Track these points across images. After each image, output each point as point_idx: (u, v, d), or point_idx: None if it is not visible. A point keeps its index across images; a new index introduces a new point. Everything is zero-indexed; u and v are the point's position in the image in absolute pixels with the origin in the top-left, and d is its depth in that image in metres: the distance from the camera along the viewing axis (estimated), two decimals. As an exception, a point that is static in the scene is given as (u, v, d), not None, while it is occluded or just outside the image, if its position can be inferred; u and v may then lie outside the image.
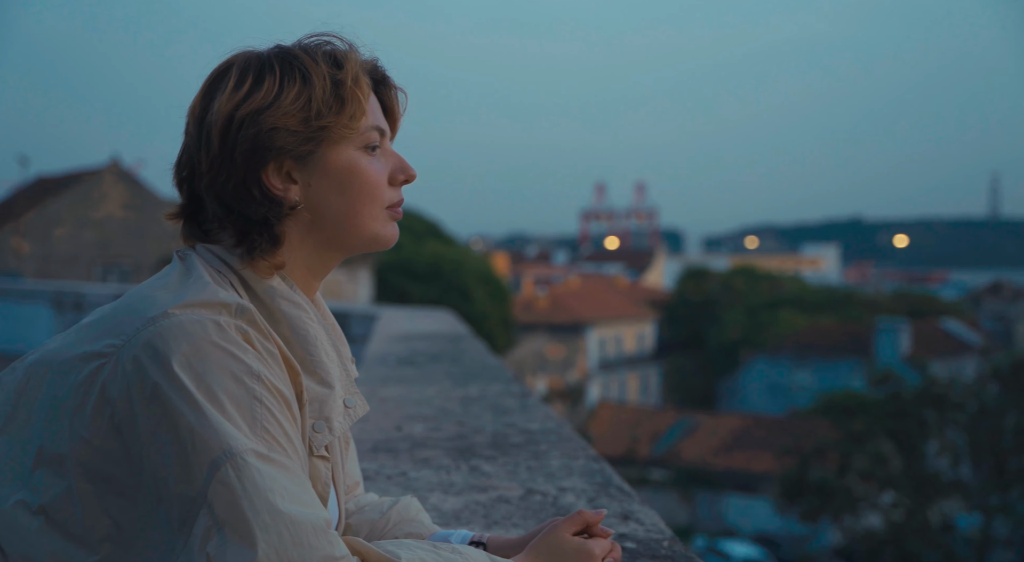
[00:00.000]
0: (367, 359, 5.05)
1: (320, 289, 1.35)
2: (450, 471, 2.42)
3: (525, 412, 3.30)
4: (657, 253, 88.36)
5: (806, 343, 45.43)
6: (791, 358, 45.28)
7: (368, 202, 1.27)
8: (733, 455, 36.01)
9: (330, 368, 1.25)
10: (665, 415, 41.31)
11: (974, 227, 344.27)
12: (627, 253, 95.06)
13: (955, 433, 23.99)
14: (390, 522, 1.42)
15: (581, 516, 1.31)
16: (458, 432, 2.95)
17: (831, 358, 43.94)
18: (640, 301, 57.61)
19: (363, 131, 1.26)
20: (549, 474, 2.39)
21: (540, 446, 2.72)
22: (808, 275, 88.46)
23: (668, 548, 1.80)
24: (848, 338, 44.67)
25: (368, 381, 4.07)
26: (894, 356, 39.94)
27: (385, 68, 1.34)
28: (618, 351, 51.29)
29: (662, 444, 38.27)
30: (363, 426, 2.97)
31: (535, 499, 2.16)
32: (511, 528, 1.93)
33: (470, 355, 5.17)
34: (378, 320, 7.88)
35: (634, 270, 79.13)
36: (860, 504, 23.65)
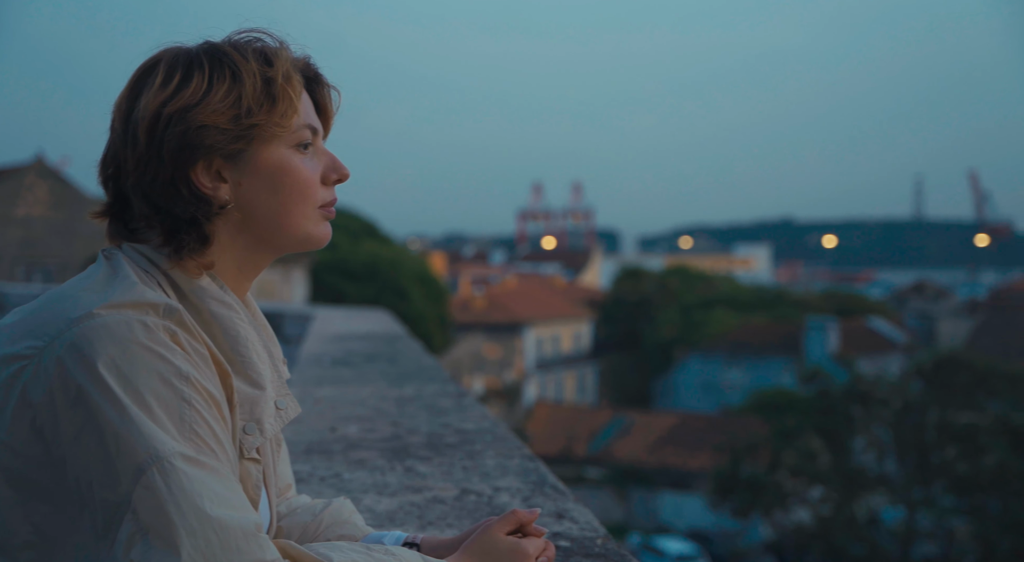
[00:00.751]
0: (301, 360, 5.00)
1: (251, 289, 1.33)
2: (385, 472, 2.41)
3: (461, 412, 3.30)
4: (593, 253, 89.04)
5: (738, 342, 46.21)
6: (724, 356, 46.01)
7: (300, 201, 1.26)
8: (667, 453, 36.46)
9: (261, 369, 1.23)
10: (601, 414, 41.64)
11: (899, 228, 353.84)
12: (564, 253, 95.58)
13: (880, 429, 24.64)
14: (322, 524, 1.41)
15: (515, 515, 1.31)
16: (393, 433, 2.93)
17: (762, 356, 44.76)
18: (577, 301, 57.99)
19: (295, 129, 1.25)
20: (484, 474, 2.39)
21: (475, 446, 2.73)
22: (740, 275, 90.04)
23: (602, 546, 1.81)
24: (779, 337, 45.57)
25: (302, 382, 4.03)
26: (823, 354, 40.86)
27: (318, 66, 1.33)
28: (555, 350, 51.57)
29: (598, 443, 38.58)
30: (296, 428, 2.94)
31: (470, 499, 2.16)
32: (446, 528, 1.93)
33: (406, 355, 5.15)
34: (313, 320, 7.79)
35: (571, 270, 79.61)
36: (790, 499, 24.15)
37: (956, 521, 23.09)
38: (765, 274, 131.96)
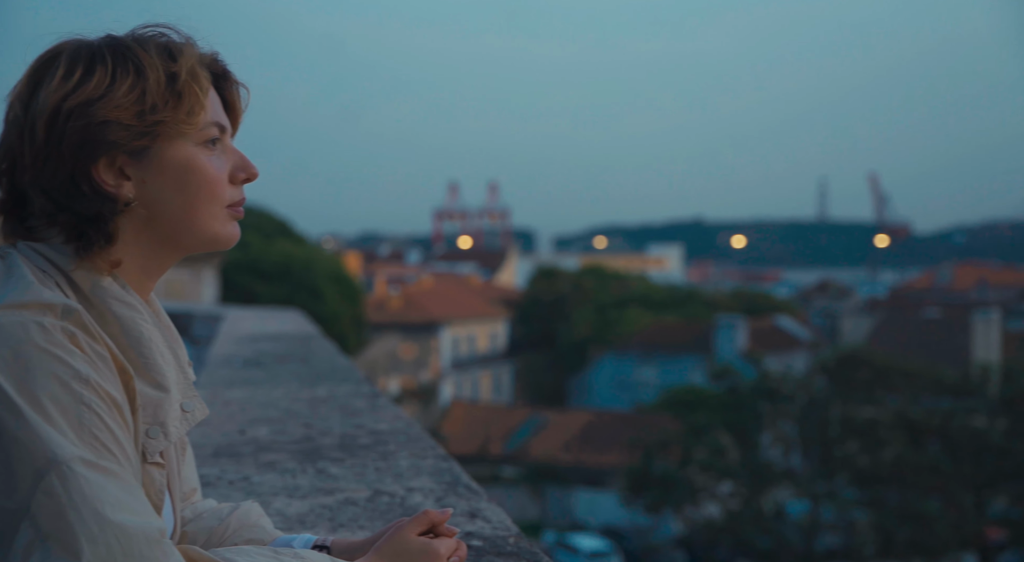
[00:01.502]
0: (211, 361, 4.89)
1: (159, 289, 1.30)
2: (296, 474, 2.38)
3: (374, 413, 3.28)
4: (509, 253, 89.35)
5: (651, 340, 46.97)
6: (637, 355, 46.71)
7: (207, 200, 1.24)
8: (582, 451, 36.83)
9: (165, 371, 1.21)
10: (517, 413, 41.83)
11: (804, 229, 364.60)
12: (480, 253, 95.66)
13: (787, 424, 25.37)
14: (229, 529, 1.38)
15: (427, 516, 1.31)
16: (305, 434, 2.90)
17: (675, 354, 45.59)
18: (493, 300, 58.13)
19: (202, 127, 1.23)
20: (398, 475, 2.38)
21: (389, 446, 2.71)
22: (653, 274, 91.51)
23: (514, 545, 1.83)
24: (690, 335, 46.49)
25: (211, 384, 3.95)
26: (732, 352, 41.84)
27: (226, 62, 1.30)
28: (471, 350, 51.58)
29: (514, 442, 38.74)
30: (204, 430, 2.88)
31: (383, 500, 2.15)
32: (357, 530, 1.92)
33: (319, 356, 5.09)
34: (223, 321, 7.64)
35: (487, 269, 79.74)
36: (700, 495, 24.67)
37: (857, 513, 23.93)
38: (677, 274, 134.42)
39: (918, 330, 44.55)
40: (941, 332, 43.58)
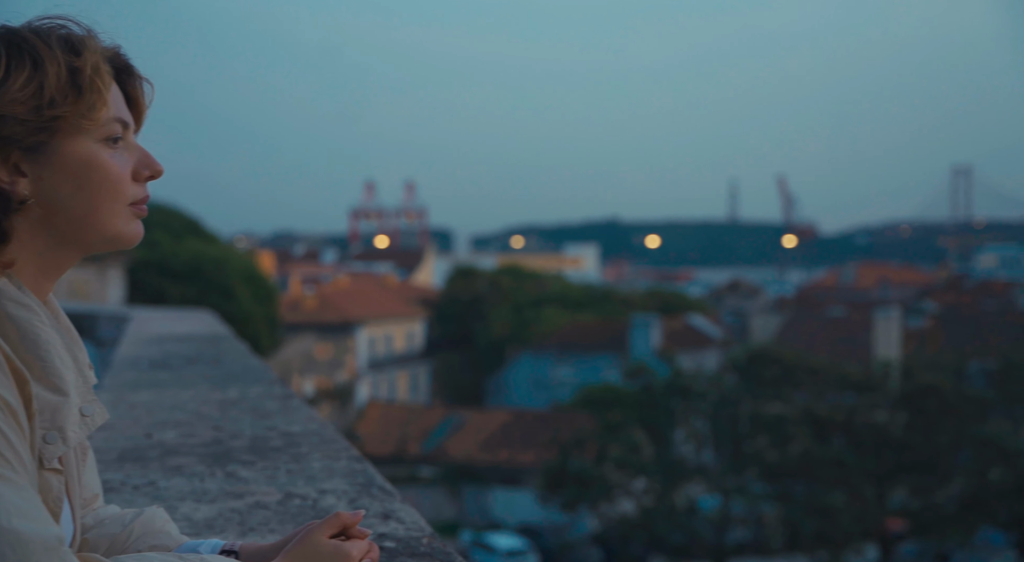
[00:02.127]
0: (117, 364, 4.76)
1: (61, 289, 1.26)
2: (204, 478, 2.33)
3: (287, 414, 3.23)
4: (427, 252, 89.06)
5: (568, 339, 47.38)
6: (554, 354, 47.06)
7: (109, 198, 1.20)
8: (499, 450, 36.94)
9: (64, 374, 1.17)
10: (434, 413, 41.71)
11: (715, 230, 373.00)
12: (397, 252, 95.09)
13: (699, 421, 25.89)
14: (132, 535, 1.35)
15: (338, 518, 1.30)
16: (214, 437, 2.84)
17: (590, 353, 46.08)
18: (410, 300, 57.84)
19: (103, 123, 1.19)
20: (310, 477, 2.35)
21: (301, 448, 2.68)
22: (570, 274, 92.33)
23: (427, 545, 1.82)
24: (606, 334, 47.05)
25: (116, 387, 3.84)
26: (647, 351, 42.50)
27: (128, 56, 1.27)
28: (388, 350, 51.22)
29: (431, 442, 38.62)
30: (108, 434, 2.80)
31: (294, 503, 2.12)
32: (268, 534, 1.89)
33: (231, 357, 4.99)
34: (130, 322, 7.43)
35: (404, 269, 79.29)
36: (615, 491, 24.99)
37: (766, 506, 24.57)
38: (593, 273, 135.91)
39: (823, 328, 45.97)
40: (845, 330, 45.05)
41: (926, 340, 42.22)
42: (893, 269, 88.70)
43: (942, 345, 40.94)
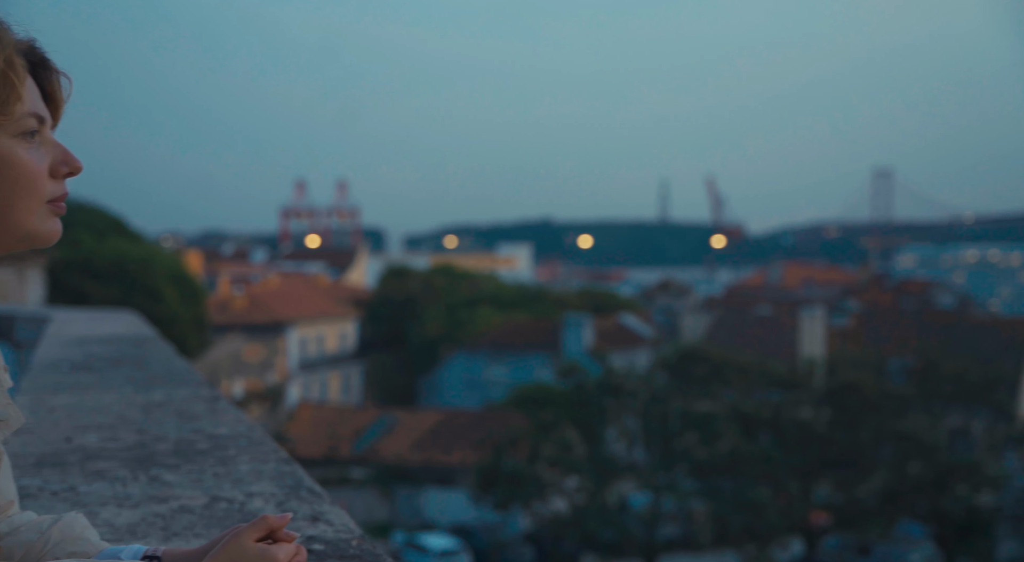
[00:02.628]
0: (36, 366, 4.62)
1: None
2: (127, 483, 2.28)
3: (214, 416, 3.17)
4: (359, 252, 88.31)
5: (501, 339, 47.45)
6: (487, 354, 47.09)
7: (25, 195, 1.17)
8: (432, 450, 36.82)
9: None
10: (366, 413, 41.39)
11: (647, 230, 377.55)
12: (329, 252, 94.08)
13: (630, 419, 26.17)
14: (50, 542, 1.31)
15: (265, 521, 1.28)
16: (138, 441, 2.78)
17: (524, 353, 46.23)
18: (342, 300, 57.30)
19: (18, 118, 1.16)
20: (237, 480, 2.32)
21: (229, 451, 2.63)
22: (503, 273, 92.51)
23: (357, 547, 1.81)
24: (539, 334, 47.24)
25: (35, 390, 3.72)
26: (579, 350, 42.79)
27: (44, 50, 1.23)
28: (319, 351, 50.65)
29: (363, 442, 38.33)
30: (26, 438, 2.71)
31: (220, 507, 2.08)
32: (192, 539, 1.86)
33: (156, 359, 4.88)
34: (50, 323, 7.22)
35: (336, 269, 78.49)
36: (548, 490, 25.12)
37: (695, 503, 24.95)
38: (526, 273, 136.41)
39: (751, 327, 46.86)
40: (772, 329, 46.00)
41: (849, 338, 43.35)
42: (818, 269, 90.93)
43: (864, 343, 42.09)
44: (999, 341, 40.96)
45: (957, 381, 30.25)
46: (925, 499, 26.97)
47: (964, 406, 30.33)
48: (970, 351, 39.75)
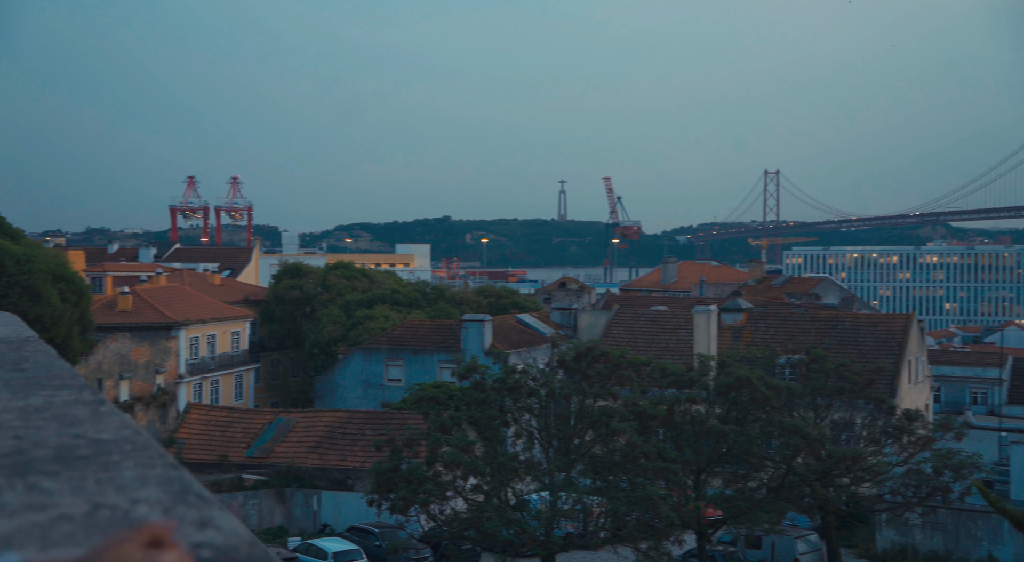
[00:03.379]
0: (-98, 370, 4.35)
1: None
2: (1, 491, 2.17)
3: (97, 421, 3.05)
4: (253, 250, 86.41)
5: (400, 339, 47.15)
6: (386, 353, 46.73)
7: None
8: (329, 452, 36.30)
9: None
10: (260, 416, 40.56)
11: (546, 229, 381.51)
12: (221, 250, 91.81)
13: (529, 418, 26.35)
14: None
15: (149, 528, 1.24)
16: (15, 447, 2.65)
17: (423, 352, 46.05)
18: (235, 300, 55.97)
19: None
20: (121, 486, 2.24)
21: (112, 457, 2.54)
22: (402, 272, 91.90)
23: (246, 553, 1.77)
24: (438, 333, 47.13)
25: (-99, 395, 3.51)
26: (478, 349, 42.87)
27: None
28: (211, 352, 49.35)
29: (257, 445, 37.52)
30: None
31: (103, 514, 2.01)
32: (73, 548, 1.78)
33: (35, 361, 4.67)
34: (-81, 324, 6.81)
35: (229, 268, 76.64)
36: (447, 490, 25.07)
37: (592, 499, 25.29)
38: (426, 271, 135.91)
39: (647, 325, 47.80)
40: (667, 326, 47.02)
41: (740, 335, 44.66)
42: (711, 268, 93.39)
43: (753, 340, 43.41)
44: (879, 337, 42.85)
45: (841, 376, 31.50)
46: (810, 491, 27.97)
47: (847, 400, 31.60)
48: (853, 347, 41.48)
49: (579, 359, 26.28)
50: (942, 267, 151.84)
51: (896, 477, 29.43)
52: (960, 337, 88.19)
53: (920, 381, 44.40)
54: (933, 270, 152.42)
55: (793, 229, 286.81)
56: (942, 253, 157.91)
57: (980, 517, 31.46)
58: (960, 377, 57.54)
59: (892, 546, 32.79)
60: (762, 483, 27.79)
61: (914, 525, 32.31)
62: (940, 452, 29.20)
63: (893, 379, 40.16)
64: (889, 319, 45.76)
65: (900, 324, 43.55)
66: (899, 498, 29.59)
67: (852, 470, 27.97)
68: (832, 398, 31.58)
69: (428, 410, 27.48)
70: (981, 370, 57.18)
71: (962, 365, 58.25)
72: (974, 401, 57.14)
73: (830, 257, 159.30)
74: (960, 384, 57.57)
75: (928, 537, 32.32)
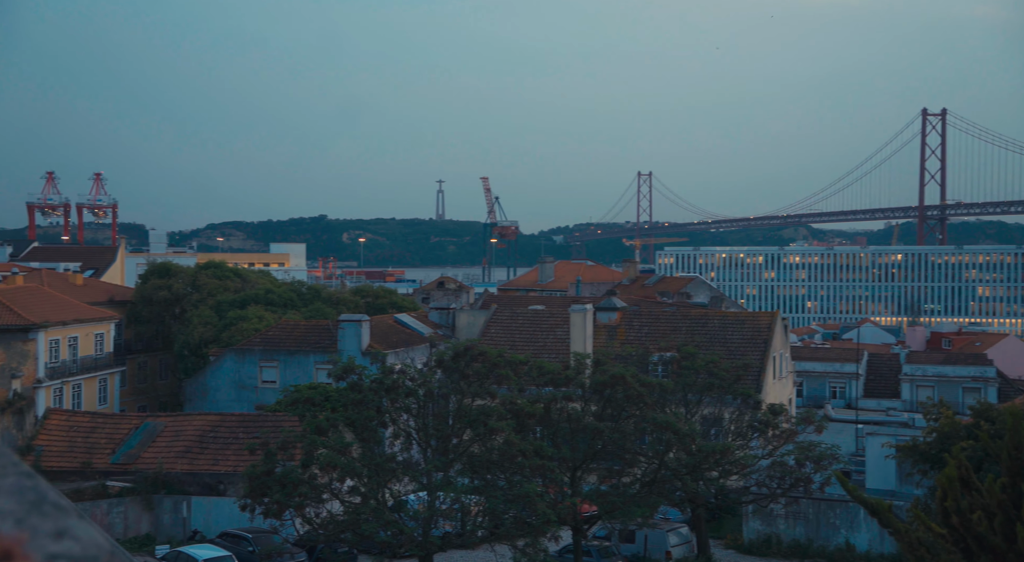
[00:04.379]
0: None
1: None
2: None
3: (-57, 430, 2.88)
4: (118, 249, 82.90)
5: (274, 339, 46.14)
6: (260, 355, 45.66)
7: None
8: (199, 457, 35.21)
9: None
10: (126, 421, 38.98)
11: (424, 229, 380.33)
12: (84, 249, 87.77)
13: (407, 418, 26.21)
14: None
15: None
16: None
17: (298, 353, 45.20)
18: (99, 300, 53.58)
19: None
20: (-31, 498, 2.12)
21: (-40, 467, 2.40)
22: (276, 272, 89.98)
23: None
24: (314, 333, 46.34)
25: None
26: (356, 349, 42.37)
27: None
28: (73, 355, 47.09)
29: (123, 451, 36.05)
30: None
31: (-51, 528, 1.90)
32: (-86, 565, 1.68)
33: None
34: None
35: (92, 268, 73.30)
36: (323, 493, 24.68)
37: (470, 499, 25.36)
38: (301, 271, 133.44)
39: (525, 324, 48.25)
40: (544, 325, 47.59)
41: (615, 334, 45.60)
42: (586, 268, 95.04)
43: (628, 338, 44.41)
44: (746, 335, 44.51)
45: (710, 373, 32.56)
46: (682, 484, 28.80)
47: (716, 396, 32.69)
48: (722, 344, 42.96)
49: (457, 359, 26.30)
50: (804, 267, 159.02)
51: (762, 469, 30.61)
52: (820, 334, 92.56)
53: (784, 376, 46.35)
54: (796, 270, 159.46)
55: (666, 230, 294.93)
56: (804, 253, 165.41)
57: (839, 506, 33.09)
58: (820, 372, 60.40)
59: (758, 536, 34.13)
60: (636, 478, 28.45)
61: (778, 515, 33.71)
62: (802, 445, 30.55)
63: (759, 375, 41.77)
64: (755, 317, 47.56)
65: (765, 322, 45.32)
66: (764, 490, 30.80)
67: (721, 464, 28.93)
68: (702, 394, 32.60)
69: (304, 412, 26.99)
70: (840, 365, 60.17)
71: (822, 361, 61.15)
72: (833, 395, 60.07)
73: (700, 257, 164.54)
74: (820, 379, 60.43)
75: (791, 526, 33.78)
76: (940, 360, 59.12)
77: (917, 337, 72.05)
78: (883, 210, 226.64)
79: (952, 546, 6.87)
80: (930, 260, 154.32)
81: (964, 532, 6.74)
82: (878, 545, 32.21)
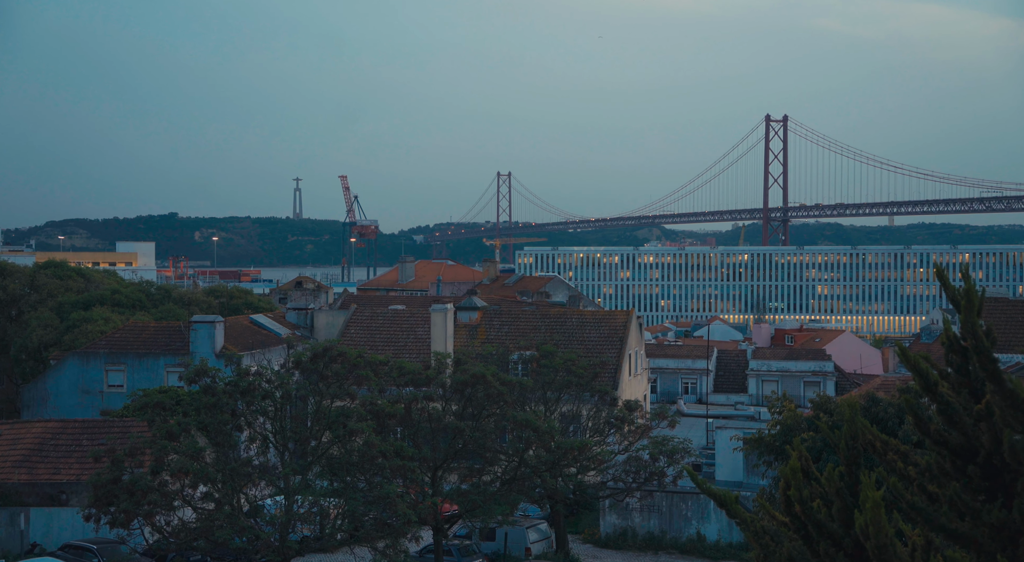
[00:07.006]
0: None
1: None
2: None
3: None
4: (-54, 246, 77.38)
5: (121, 342, 44.17)
6: (105, 358, 43.63)
7: None
8: (39, 466, 33.33)
9: None
10: (-44, 430, 36.41)
11: (281, 227, 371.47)
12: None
13: (264, 421, 25.58)
14: None
15: None
16: None
17: (147, 356, 43.42)
18: (-77, 301, 49.89)
19: None
20: None
21: None
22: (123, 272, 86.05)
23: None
24: (164, 335, 44.59)
25: None
26: (209, 351, 41.02)
27: None
28: None
29: (-48, 463, 33.69)
30: None
31: None
32: None
33: None
34: None
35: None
36: (174, 500, 23.81)
37: (329, 501, 24.99)
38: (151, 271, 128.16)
39: (385, 324, 47.87)
40: (404, 325, 47.35)
41: (476, 333, 45.84)
42: (447, 267, 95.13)
43: (488, 337, 44.74)
44: (602, 333, 45.59)
45: (569, 370, 33.18)
46: (542, 481, 29.24)
47: (575, 393, 33.35)
48: (580, 342, 43.84)
49: (316, 360, 25.85)
50: (657, 266, 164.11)
51: (618, 464, 31.43)
52: (673, 332, 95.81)
53: (639, 373, 47.74)
54: (650, 269, 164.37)
55: (525, 230, 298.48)
56: (657, 253, 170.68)
57: (690, 498, 34.35)
58: (673, 369, 62.53)
59: (614, 530, 35.04)
60: (496, 476, 28.69)
61: (633, 509, 34.70)
62: (656, 439, 31.56)
63: (615, 372, 42.89)
64: (611, 316, 48.77)
65: (621, 320, 46.55)
66: (620, 484, 31.64)
67: (579, 460, 29.54)
68: (561, 391, 33.20)
69: (153, 417, 25.93)
70: (691, 362, 62.47)
71: (675, 358, 63.32)
72: (685, 390, 62.30)
73: (559, 257, 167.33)
74: (673, 375, 62.56)
75: (646, 519, 34.83)
76: (783, 356, 62.22)
77: (763, 334, 75.58)
78: (731, 212, 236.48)
79: (794, 534, 7.24)
80: (774, 260, 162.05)
81: (805, 519, 7.12)
82: (727, 535, 33.59)
